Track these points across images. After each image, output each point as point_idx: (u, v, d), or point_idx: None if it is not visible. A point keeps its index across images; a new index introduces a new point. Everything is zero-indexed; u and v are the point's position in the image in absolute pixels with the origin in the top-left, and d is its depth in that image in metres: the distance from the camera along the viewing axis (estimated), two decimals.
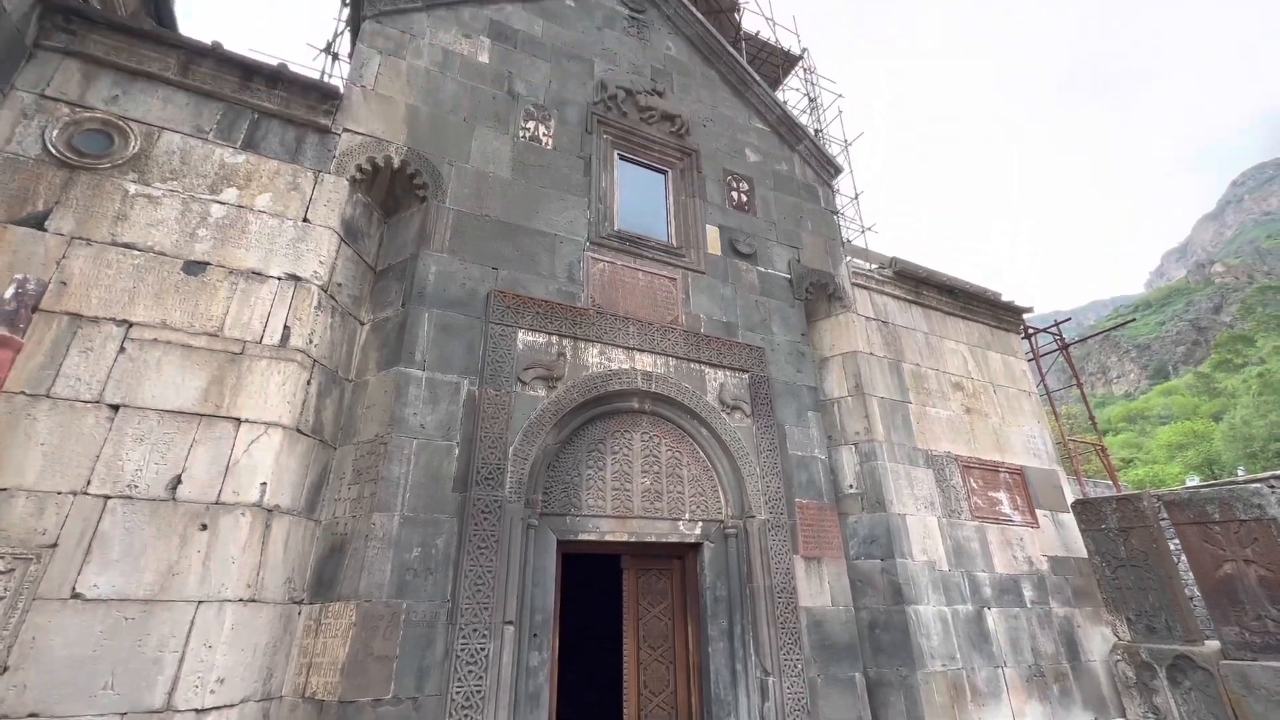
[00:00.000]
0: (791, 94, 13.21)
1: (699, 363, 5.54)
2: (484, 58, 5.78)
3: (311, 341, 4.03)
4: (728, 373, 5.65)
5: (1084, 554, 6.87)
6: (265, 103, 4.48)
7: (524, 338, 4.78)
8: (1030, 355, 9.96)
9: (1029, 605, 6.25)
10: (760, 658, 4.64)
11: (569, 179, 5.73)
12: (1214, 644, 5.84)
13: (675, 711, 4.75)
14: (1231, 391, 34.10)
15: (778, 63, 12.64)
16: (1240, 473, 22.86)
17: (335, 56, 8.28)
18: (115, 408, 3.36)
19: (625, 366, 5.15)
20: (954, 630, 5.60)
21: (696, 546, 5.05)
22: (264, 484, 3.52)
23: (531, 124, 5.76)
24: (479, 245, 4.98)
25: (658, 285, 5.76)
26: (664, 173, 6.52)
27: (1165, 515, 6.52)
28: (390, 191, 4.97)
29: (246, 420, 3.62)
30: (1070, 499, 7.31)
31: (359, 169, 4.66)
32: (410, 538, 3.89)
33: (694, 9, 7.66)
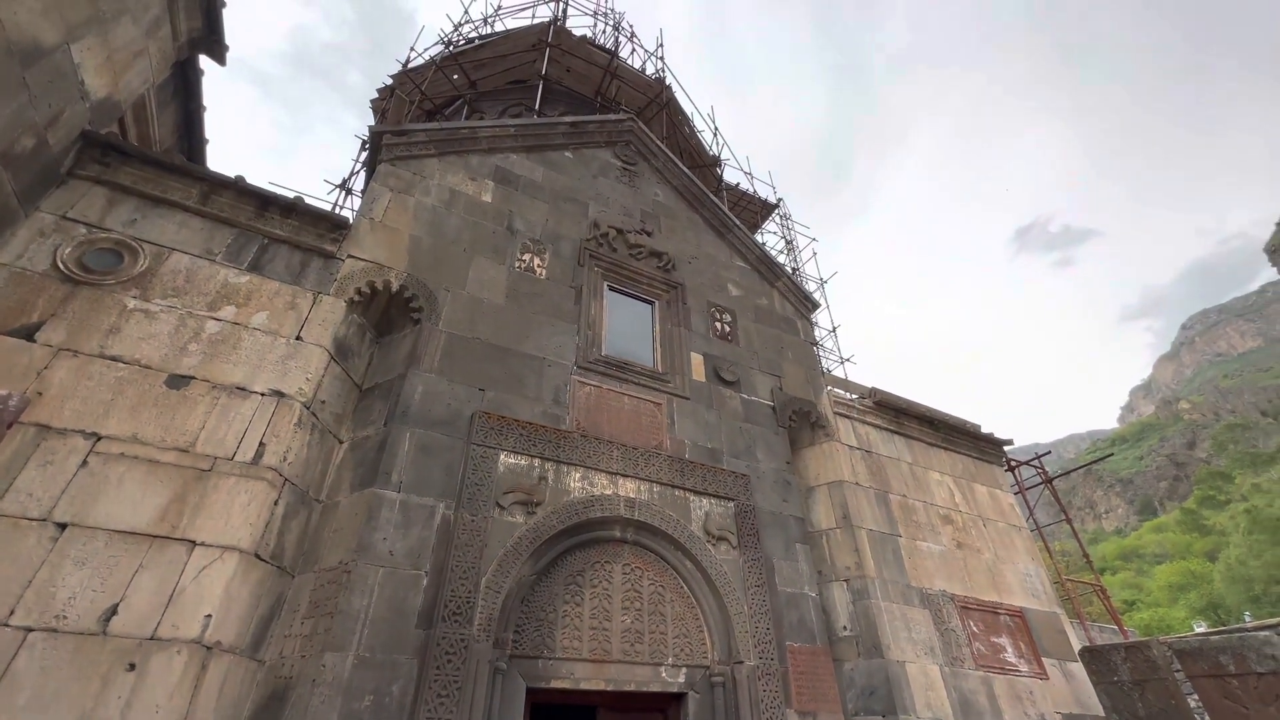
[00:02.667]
0: (770, 237, 14.35)
1: (684, 489, 5.42)
2: (487, 197, 6.29)
3: (286, 459, 3.91)
4: (713, 501, 5.52)
5: (1100, 710, 6.31)
6: (276, 230, 4.75)
7: (506, 460, 4.69)
8: (1016, 488, 9.90)
9: None
10: None
11: (560, 306, 5.99)
12: None
13: None
14: (1221, 529, 33.73)
15: (756, 210, 13.88)
16: (1247, 618, 21.90)
17: (349, 191, 8.96)
18: (62, 526, 3.16)
19: (608, 492, 5.02)
20: None
21: (680, 697, 4.58)
22: (208, 616, 3.22)
23: (527, 256, 6.13)
24: (468, 366, 5.05)
25: (643, 409, 5.80)
26: (651, 303, 6.85)
27: (1179, 666, 6.12)
28: (386, 313, 5.13)
29: (202, 544, 3.40)
30: (1076, 645, 6.88)
31: (358, 291, 4.85)
32: (363, 683, 3.49)
33: (680, 164, 8.53)
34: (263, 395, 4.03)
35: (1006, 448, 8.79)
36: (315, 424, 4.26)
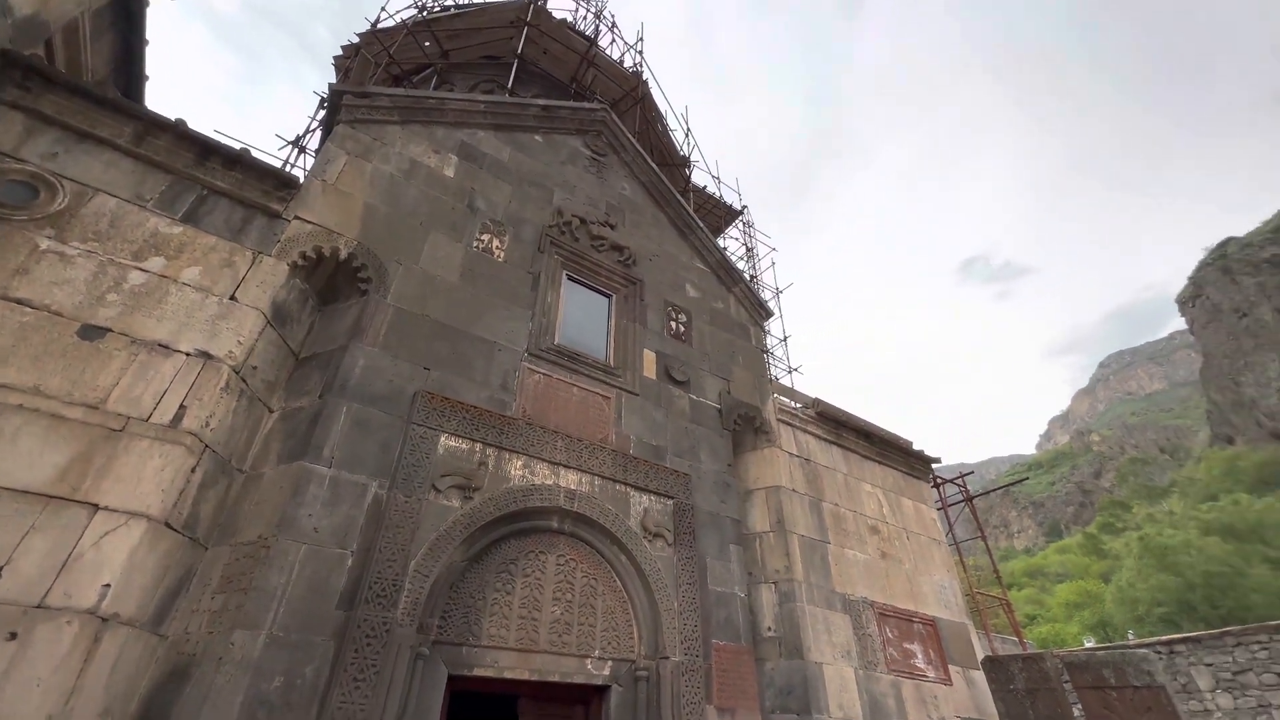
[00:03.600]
0: (731, 242, 14.56)
1: (625, 484, 5.45)
2: (450, 172, 6.10)
3: (208, 425, 3.69)
4: (653, 497, 5.56)
5: (996, 716, 6.74)
6: (218, 181, 4.47)
7: (446, 442, 4.58)
8: (939, 504, 10.43)
9: None
10: None
11: (516, 291, 5.89)
12: None
13: None
14: (1116, 554, 36.66)
15: (721, 214, 14.04)
16: (1131, 636, 23.86)
17: (302, 150, 8.52)
18: None
19: (549, 482, 4.99)
20: None
21: (603, 690, 4.61)
22: (107, 586, 3.00)
23: (486, 236, 5.99)
24: (415, 344, 4.90)
25: (591, 402, 5.78)
26: (609, 296, 6.83)
27: (1068, 677, 6.60)
28: (331, 281, 4.92)
29: (106, 508, 3.17)
30: (980, 655, 7.31)
31: (303, 255, 4.62)
32: (274, 663, 3.35)
33: (649, 160, 8.53)
34: (188, 355, 3.79)
35: (934, 465, 9.24)
36: (244, 390, 4.04)
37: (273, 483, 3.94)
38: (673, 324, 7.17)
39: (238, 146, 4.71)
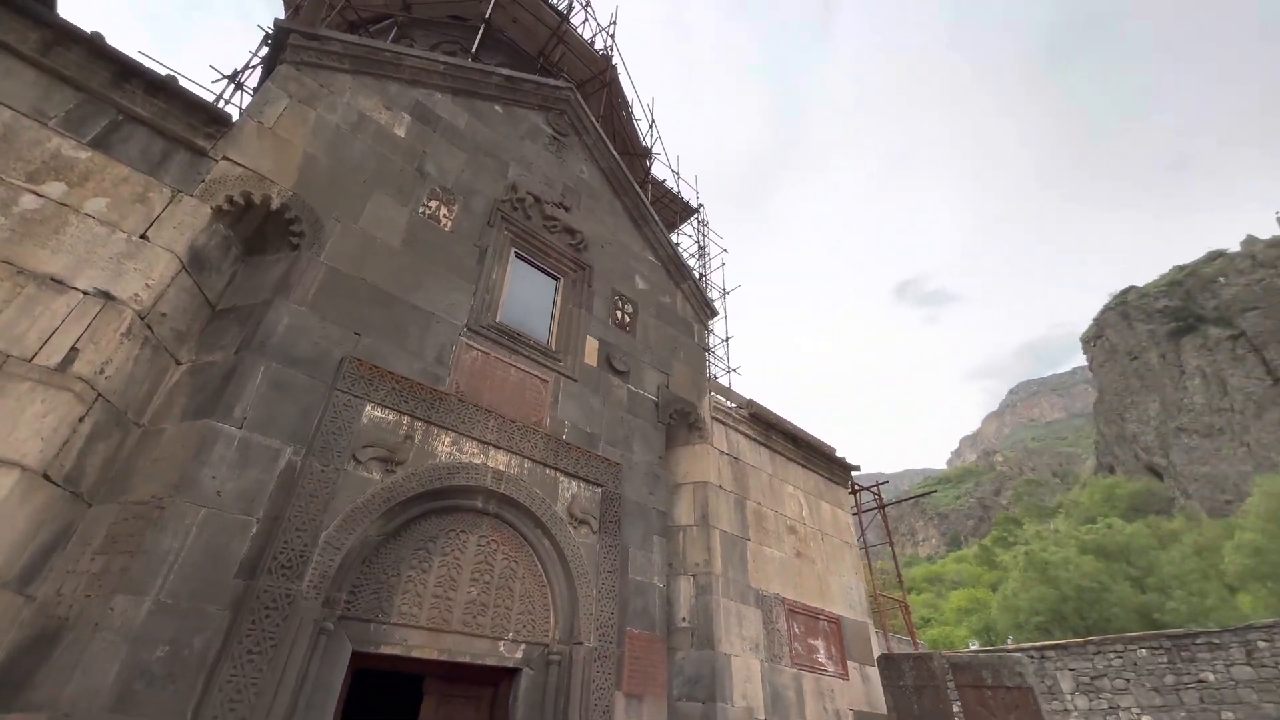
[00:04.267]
0: (685, 239, 14.66)
1: (556, 469, 5.42)
2: (400, 131, 5.83)
3: (103, 372, 3.39)
4: (582, 484, 5.56)
5: (884, 710, 7.20)
6: (137, 107, 4.08)
7: (371, 413, 4.40)
8: (854, 510, 10.98)
9: None
10: None
11: (460, 263, 5.71)
12: None
13: None
14: (1005, 566, 39.86)
15: (677, 210, 14.12)
16: (1010, 641, 26.02)
17: (239, 86, 7.90)
18: None
19: (477, 461, 4.89)
20: None
21: (514, 673, 4.59)
22: None
23: (434, 203, 5.77)
24: (346, 307, 4.67)
25: (528, 384, 5.71)
26: (556, 279, 6.75)
27: (951, 676, 7.13)
28: (260, 231, 4.60)
29: None
30: (876, 652, 7.78)
31: (229, 199, 4.29)
32: (159, 632, 3.13)
33: (611, 147, 8.45)
34: (85, 294, 3.46)
35: (854, 473, 9.71)
36: (149, 338, 3.73)
37: (174, 440, 3.67)
38: (619, 313, 7.16)
39: (164, 72, 4.31)
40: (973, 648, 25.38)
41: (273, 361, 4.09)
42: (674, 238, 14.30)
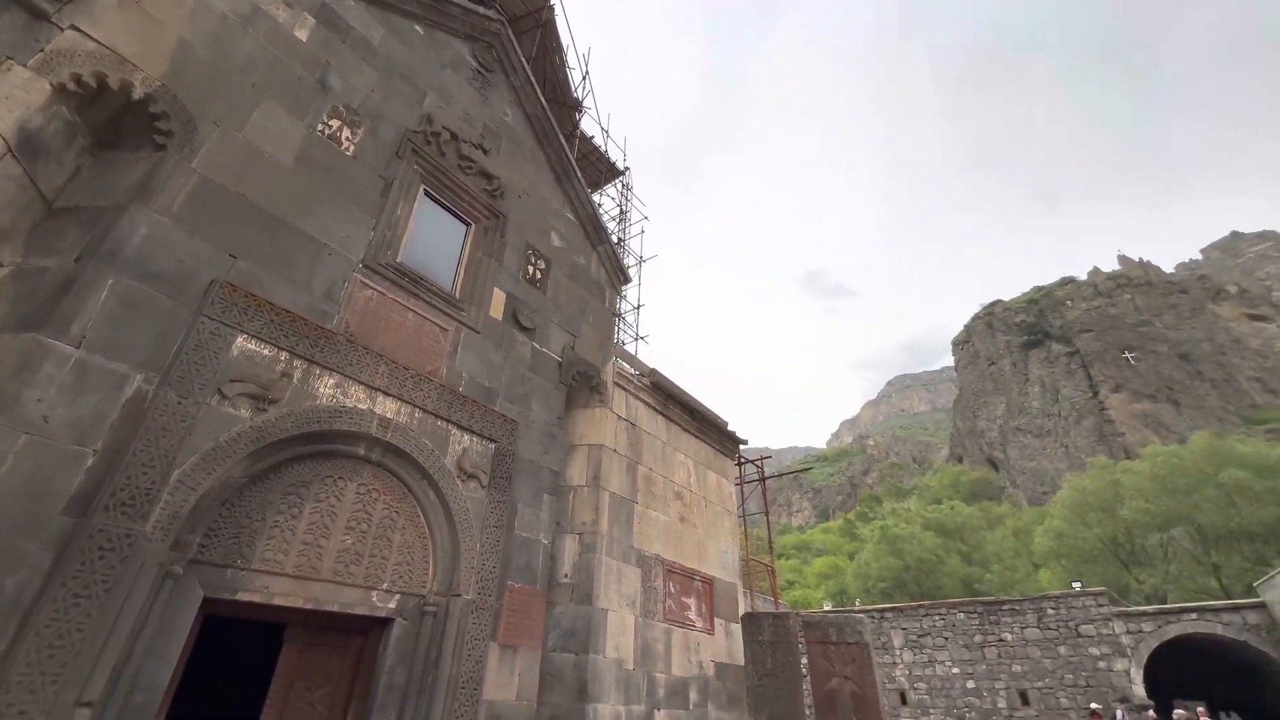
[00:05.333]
0: (607, 201, 14.46)
1: (449, 422, 5.27)
2: (302, 35, 5.20)
3: None
4: (475, 439, 5.46)
5: (742, 662, 7.88)
6: None
7: (244, 344, 4.02)
8: (738, 480, 11.69)
9: (691, 708, 6.85)
10: None
11: (361, 193, 5.27)
12: None
13: None
14: (864, 538, 44.43)
15: (602, 170, 13.84)
16: (857, 603, 29.21)
17: None
18: None
19: (363, 407, 4.64)
20: None
21: (386, 623, 4.51)
22: None
23: (335, 123, 5.25)
24: (221, 224, 4.18)
25: (426, 331, 5.45)
26: (468, 224, 6.43)
27: (803, 634, 7.92)
28: (116, 122, 3.96)
29: None
30: (741, 611, 8.44)
31: (77, 79, 3.65)
32: None
33: (539, 92, 8.07)
34: None
35: (741, 446, 10.29)
36: None
37: None
38: (530, 268, 6.98)
39: None
40: (826, 609, 28.24)
41: (124, 276, 3.59)
42: (596, 198, 14.06)
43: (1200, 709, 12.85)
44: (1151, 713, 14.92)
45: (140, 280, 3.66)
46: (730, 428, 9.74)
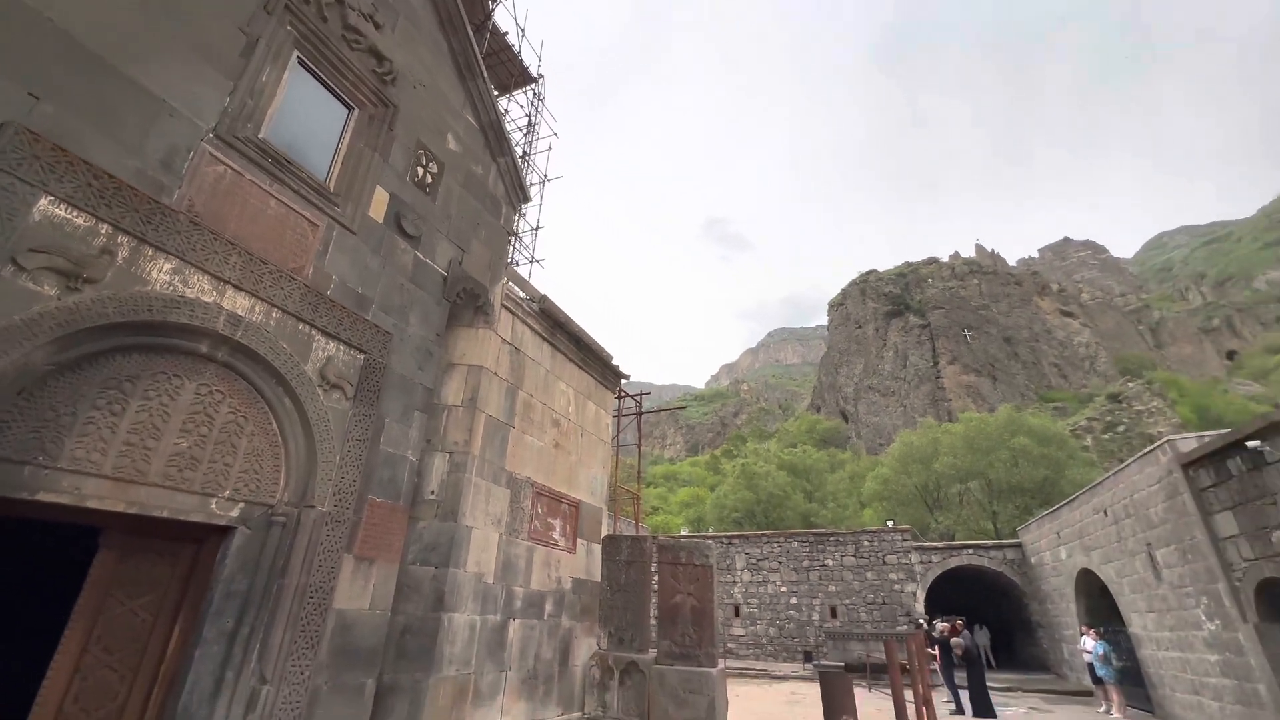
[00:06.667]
0: (516, 109, 13.47)
1: (313, 327, 4.86)
2: None
3: None
4: (342, 348, 5.11)
5: (599, 579, 8.46)
6: None
7: (49, 208, 3.37)
8: (617, 413, 12.10)
9: (546, 618, 7.30)
10: (263, 664, 4.11)
11: (217, 48, 4.46)
12: (654, 653, 7.86)
13: None
14: (725, 473, 48.44)
15: (513, 73, 12.80)
16: (710, 530, 32.13)
17: None
18: None
19: (208, 300, 4.13)
20: (478, 638, 6.09)
21: (226, 531, 4.25)
22: None
23: None
24: (17, 55, 3.36)
25: (293, 223, 4.90)
26: (350, 109, 5.72)
27: (657, 555, 8.62)
28: None
29: None
30: (604, 533, 8.97)
31: None
32: None
33: None
34: None
35: (623, 380, 10.59)
36: None
37: None
38: (420, 170, 6.42)
39: None
40: (683, 534, 30.81)
41: None
42: (503, 104, 13.06)
43: (959, 621, 15.98)
44: (923, 622, 18.30)
45: None
46: (615, 361, 9.95)
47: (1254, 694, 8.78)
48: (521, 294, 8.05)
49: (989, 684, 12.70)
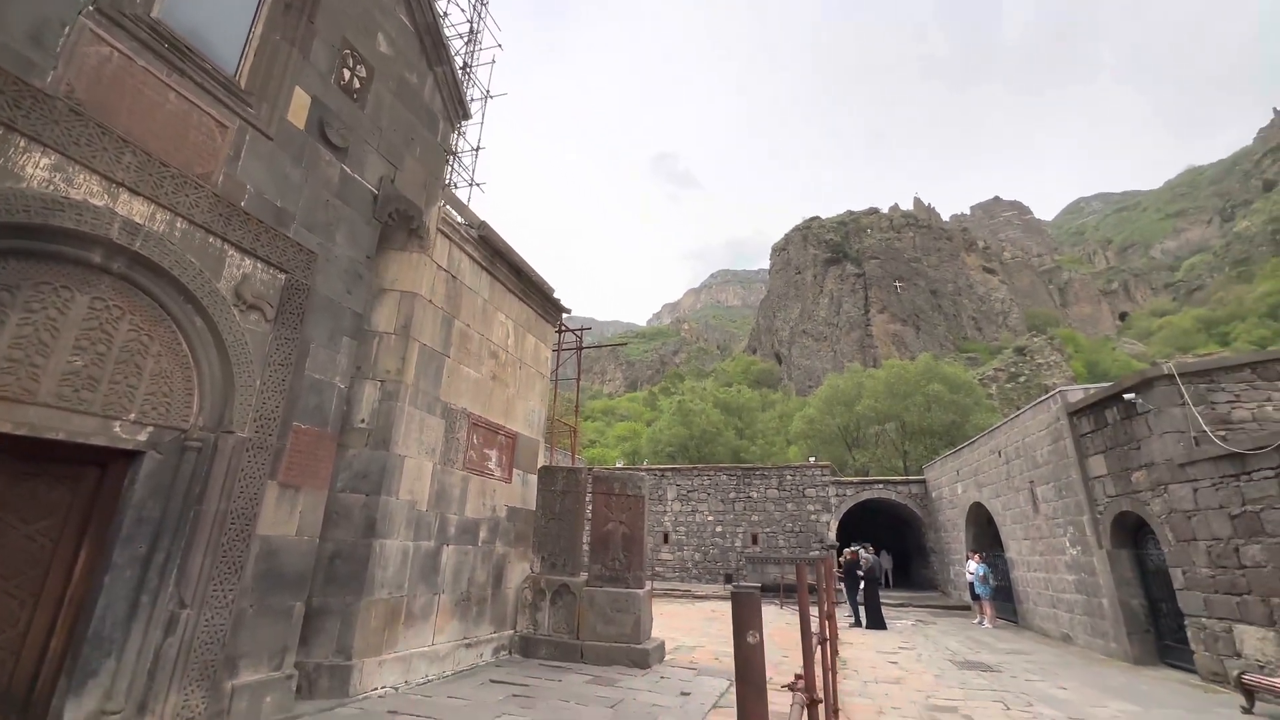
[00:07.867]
0: (456, 13, 12.31)
1: (225, 241, 4.47)
2: None
3: None
4: (261, 265, 4.75)
5: (534, 507, 8.66)
6: None
7: None
8: (557, 346, 12.02)
9: (480, 544, 7.45)
10: (181, 589, 4.01)
11: None
12: (585, 577, 8.24)
13: (18, 657, 3.60)
14: (662, 409, 49.68)
15: None
16: (645, 463, 33.23)
17: None
18: None
19: (98, 203, 3.70)
20: (411, 563, 6.16)
21: (134, 455, 4.01)
22: None
23: None
24: None
25: (196, 121, 4.38)
26: None
27: (591, 486, 8.88)
28: None
29: None
30: (540, 464, 9.11)
31: None
32: None
33: None
34: None
35: (564, 314, 10.47)
36: None
37: None
38: (347, 73, 5.84)
39: None
40: (618, 466, 31.74)
41: None
42: (442, 4, 11.91)
43: (867, 547, 17.62)
44: (834, 548, 20.04)
45: None
46: (556, 295, 9.78)
47: (1099, 606, 10.29)
48: (460, 219, 7.67)
49: (884, 601, 14.22)
